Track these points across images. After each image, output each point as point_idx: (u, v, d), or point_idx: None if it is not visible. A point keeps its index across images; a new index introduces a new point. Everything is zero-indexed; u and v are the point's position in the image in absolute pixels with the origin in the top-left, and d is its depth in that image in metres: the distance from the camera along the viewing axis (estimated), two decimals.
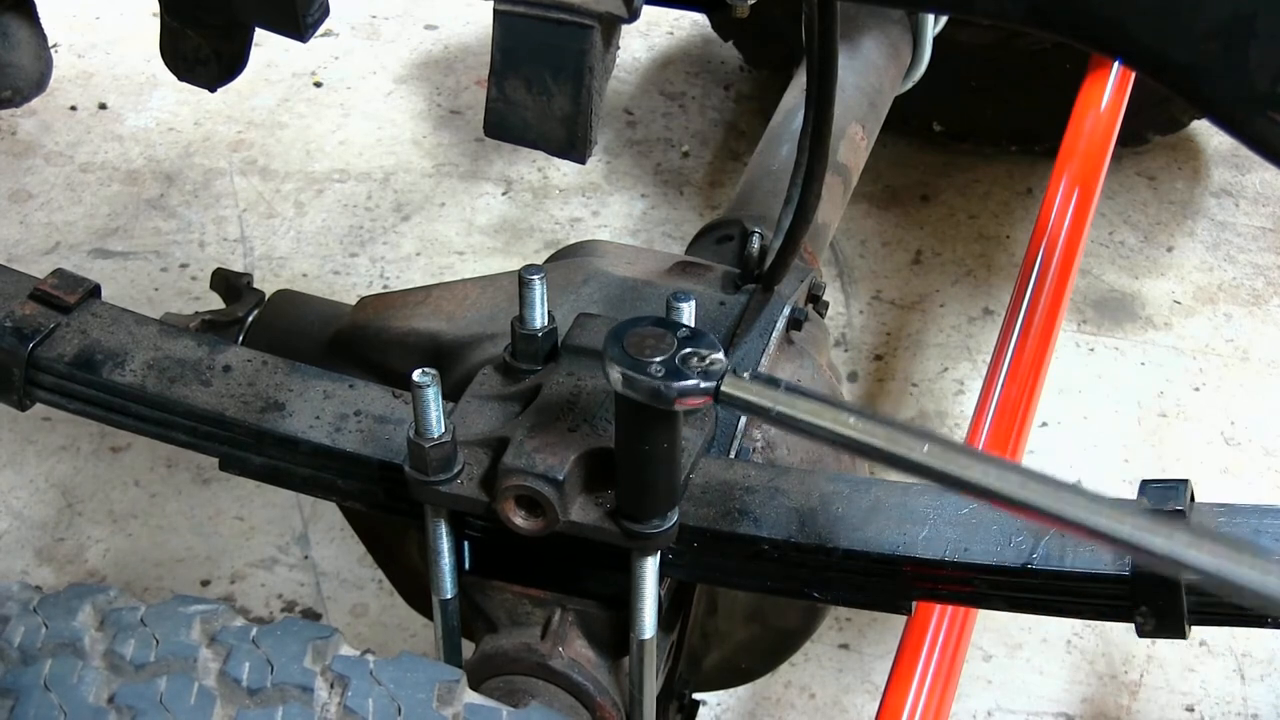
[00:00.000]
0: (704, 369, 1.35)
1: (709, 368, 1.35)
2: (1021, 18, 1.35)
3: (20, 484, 2.86)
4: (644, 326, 1.38)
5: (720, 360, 1.36)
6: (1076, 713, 2.53)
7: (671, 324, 1.39)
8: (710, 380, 1.35)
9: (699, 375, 1.35)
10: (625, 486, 1.48)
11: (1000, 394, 2.15)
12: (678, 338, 1.37)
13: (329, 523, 2.76)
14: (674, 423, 1.41)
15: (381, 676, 1.27)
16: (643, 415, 1.38)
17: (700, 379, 1.35)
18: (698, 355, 1.36)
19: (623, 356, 1.35)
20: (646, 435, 1.41)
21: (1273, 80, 1.25)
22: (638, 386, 1.35)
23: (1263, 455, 2.92)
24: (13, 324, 1.71)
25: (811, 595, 1.56)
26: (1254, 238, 3.42)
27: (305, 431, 1.64)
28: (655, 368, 1.34)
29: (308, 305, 2.05)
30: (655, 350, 1.36)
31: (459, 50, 3.97)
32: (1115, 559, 1.46)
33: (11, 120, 3.70)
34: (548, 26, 1.49)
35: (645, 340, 1.37)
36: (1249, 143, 1.31)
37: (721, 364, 1.36)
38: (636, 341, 1.36)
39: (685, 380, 1.34)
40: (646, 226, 3.44)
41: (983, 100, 3.45)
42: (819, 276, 2.03)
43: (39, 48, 1.94)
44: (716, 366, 1.35)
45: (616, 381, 1.36)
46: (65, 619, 1.31)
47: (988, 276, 3.30)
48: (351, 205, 3.49)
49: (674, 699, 1.88)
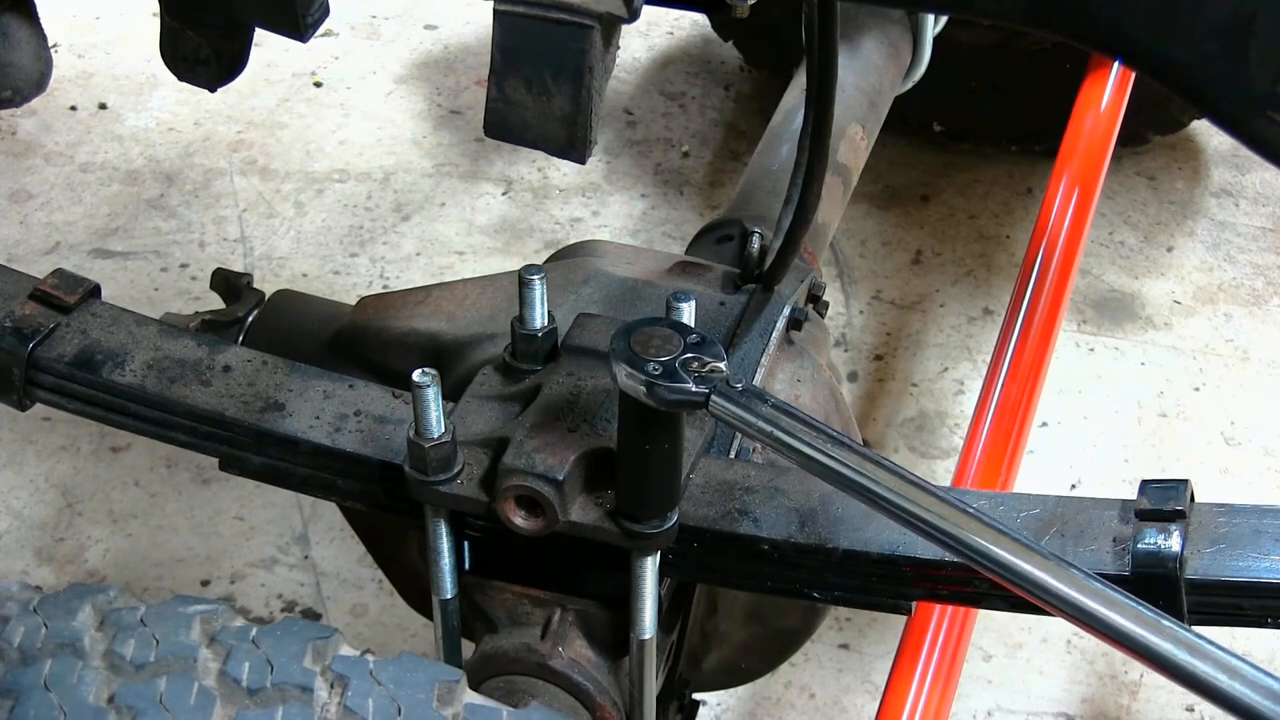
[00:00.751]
0: (702, 375, 1.35)
1: (707, 375, 1.35)
2: (1021, 18, 1.35)
3: (20, 484, 2.86)
4: (656, 327, 1.38)
5: (720, 370, 1.36)
6: (1076, 713, 2.53)
7: (684, 328, 1.39)
8: (704, 387, 1.35)
9: (695, 381, 1.35)
10: (625, 486, 1.48)
11: (1000, 394, 2.15)
12: (685, 342, 1.37)
13: (329, 523, 2.76)
14: (676, 424, 1.41)
15: (381, 676, 1.27)
16: (645, 414, 1.39)
17: (695, 384, 1.35)
18: (699, 361, 1.36)
19: (626, 352, 1.36)
20: (648, 435, 1.41)
21: (1273, 80, 1.25)
22: (632, 383, 1.35)
23: (1263, 455, 2.92)
24: (13, 324, 1.71)
25: (811, 595, 1.56)
26: (1254, 238, 3.43)
27: (305, 431, 1.64)
28: (653, 367, 1.35)
29: (308, 305, 2.05)
30: (660, 351, 1.36)
31: (459, 50, 3.97)
32: (1115, 558, 1.46)
33: (11, 120, 3.70)
34: (548, 26, 1.49)
35: (652, 340, 1.37)
36: (1249, 143, 1.31)
37: (720, 374, 1.36)
38: (643, 340, 1.37)
39: (679, 384, 1.35)
40: (646, 226, 3.44)
41: (983, 100, 3.45)
42: (819, 276, 2.03)
43: (39, 48, 1.94)
44: (715, 375, 1.35)
45: (616, 376, 1.36)
46: (65, 619, 1.31)
47: (988, 276, 3.30)
48: (351, 205, 3.49)
49: (674, 699, 1.88)
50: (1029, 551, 1.27)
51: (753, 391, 1.35)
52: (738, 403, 1.34)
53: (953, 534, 1.29)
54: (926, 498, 1.30)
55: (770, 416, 1.34)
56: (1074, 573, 1.25)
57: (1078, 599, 1.24)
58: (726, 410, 1.35)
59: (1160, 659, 1.20)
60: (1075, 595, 1.24)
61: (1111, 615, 1.22)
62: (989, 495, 1.57)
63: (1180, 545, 1.43)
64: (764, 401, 1.35)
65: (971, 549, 1.28)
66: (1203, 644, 1.19)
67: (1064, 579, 1.25)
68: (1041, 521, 1.50)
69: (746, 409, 1.34)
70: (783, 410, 1.35)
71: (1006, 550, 1.27)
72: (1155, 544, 1.44)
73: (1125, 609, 1.22)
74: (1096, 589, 1.24)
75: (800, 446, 1.34)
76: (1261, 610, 1.45)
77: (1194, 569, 1.44)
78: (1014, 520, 1.51)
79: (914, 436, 2.95)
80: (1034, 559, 1.26)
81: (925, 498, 1.30)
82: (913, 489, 1.31)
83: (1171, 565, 1.43)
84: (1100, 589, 1.23)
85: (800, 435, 1.34)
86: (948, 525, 1.29)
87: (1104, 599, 1.23)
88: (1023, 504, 1.53)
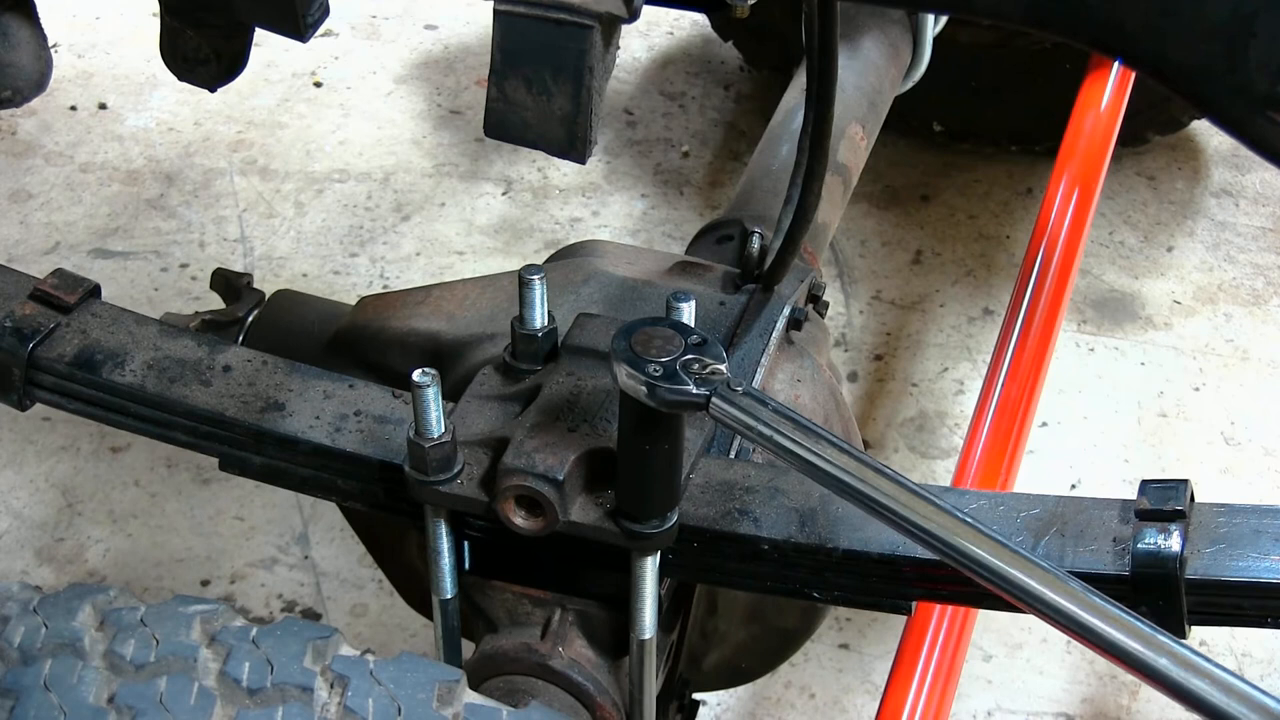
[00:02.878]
0: (702, 377, 1.35)
1: (707, 376, 1.35)
2: (1021, 18, 1.35)
3: (20, 484, 2.86)
4: (657, 327, 1.38)
5: (721, 372, 1.35)
6: (1076, 713, 2.53)
7: (685, 329, 1.39)
8: (704, 389, 1.34)
9: (696, 383, 1.34)
10: (625, 486, 1.48)
11: (1000, 394, 2.15)
12: (686, 343, 1.37)
13: (329, 523, 2.76)
14: (676, 425, 1.41)
15: (381, 676, 1.27)
16: (645, 415, 1.38)
17: (695, 386, 1.34)
18: (700, 363, 1.35)
19: (626, 353, 1.35)
20: (648, 435, 1.41)
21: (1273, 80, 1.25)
22: (633, 384, 1.35)
23: (1263, 455, 2.93)
24: (13, 324, 1.71)
25: (811, 595, 1.56)
26: (1254, 238, 3.43)
27: (305, 431, 1.64)
28: (654, 368, 1.34)
29: (308, 305, 2.05)
30: (660, 352, 1.36)
31: (459, 50, 3.97)
32: (1115, 558, 1.46)
33: (11, 120, 3.70)
34: (548, 26, 1.49)
35: (653, 341, 1.36)
36: (1249, 143, 1.31)
37: (721, 376, 1.35)
38: (644, 340, 1.36)
39: (680, 385, 1.34)
40: (646, 226, 3.44)
41: (983, 100, 3.45)
42: (819, 276, 2.03)
43: (39, 48, 1.94)
44: (715, 377, 1.35)
45: (617, 376, 1.36)
46: (65, 619, 1.31)
47: (988, 276, 3.30)
48: (351, 205, 3.49)
49: (674, 699, 1.88)
50: (1025, 562, 1.27)
51: (753, 394, 1.35)
52: (738, 405, 1.34)
53: (949, 542, 1.29)
54: (923, 505, 1.31)
55: (770, 420, 1.34)
56: (1071, 584, 1.26)
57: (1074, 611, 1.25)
58: (726, 413, 1.34)
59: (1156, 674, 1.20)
60: (1071, 607, 1.25)
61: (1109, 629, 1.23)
62: (989, 495, 1.56)
63: (1180, 545, 1.43)
64: (764, 405, 1.35)
65: (968, 557, 1.28)
66: (1198, 660, 1.19)
67: (1060, 591, 1.26)
68: (1041, 521, 1.50)
69: (746, 412, 1.34)
70: (783, 414, 1.35)
71: (1002, 560, 1.28)
72: (1155, 544, 1.44)
73: (1123, 623, 1.22)
74: (1094, 602, 1.24)
75: (799, 451, 1.33)
76: (1261, 610, 1.45)
77: (1194, 569, 1.44)
78: (1014, 520, 1.51)
79: (914, 436, 2.95)
80: (1030, 570, 1.27)
81: (922, 505, 1.31)
82: (910, 496, 1.31)
83: (1171, 565, 1.43)
84: (1097, 603, 1.24)
85: (799, 440, 1.34)
86: (944, 533, 1.30)
87: (1101, 613, 1.23)
88: (1022, 504, 1.52)
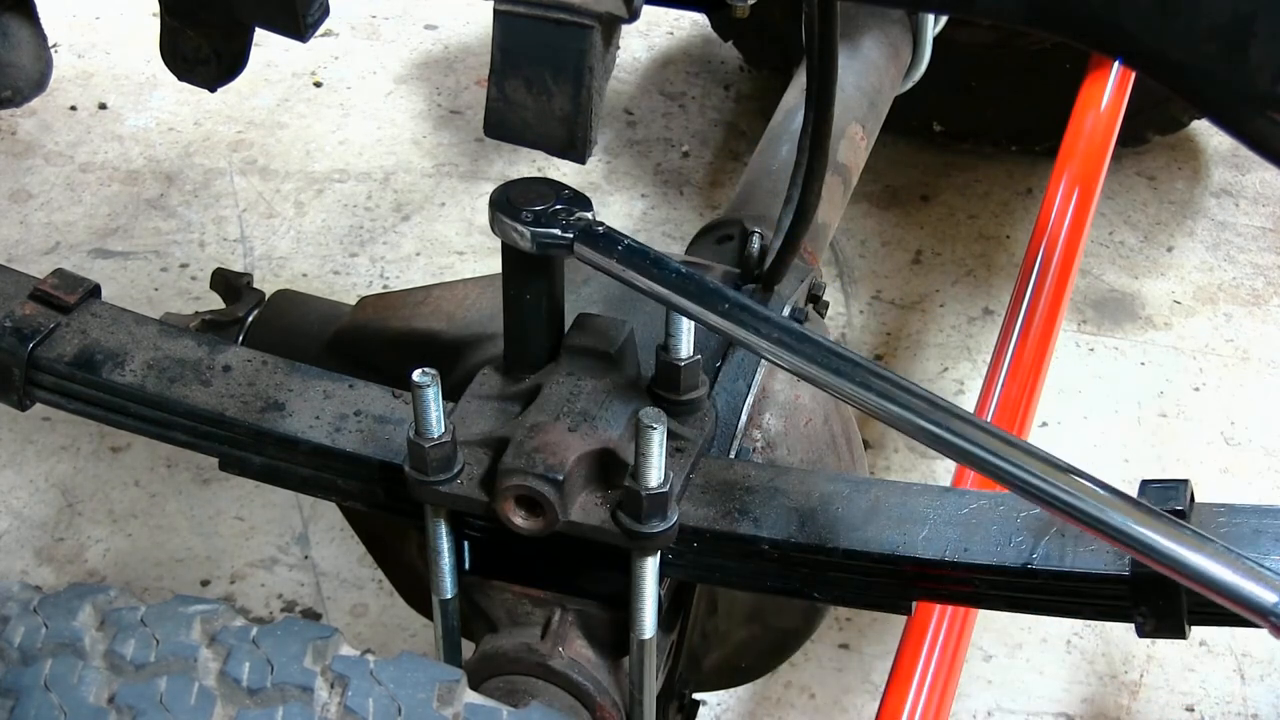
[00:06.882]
0: (569, 224, 1.50)
1: (574, 223, 1.50)
2: (1021, 18, 1.35)
3: (20, 484, 2.86)
4: (533, 183, 1.54)
5: (586, 219, 1.50)
6: (1076, 713, 2.53)
7: (559, 186, 1.53)
8: (569, 233, 1.49)
9: (562, 228, 1.49)
10: (509, 335, 1.61)
11: (1000, 394, 2.15)
12: (559, 196, 1.52)
13: (329, 523, 2.76)
14: (551, 268, 1.56)
15: (381, 676, 1.27)
16: (521, 259, 1.53)
17: (562, 230, 1.49)
18: (569, 212, 1.51)
19: (505, 203, 1.51)
20: (525, 278, 1.56)
21: (1273, 80, 1.25)
22: (505, 229, 1.50)
23: (1263, 455, 2.92)
24: (13, 324, 1.71)
25: (811, 595, 1.56)
26: (1254, 238, 3.43)
27: (305, 431, 1.64)
28: (526, 215, 1.50)
29: (308, 305, 2.05)
30: (536, 202, 1.51)
31: (459, 50, 3.97)
32: (1115, 558, 1.46)
33: (11, 120, 3.70)
34: (548, 26, 1.49)
35: (529, 193, 1.52)
36: (1249, 143, 1.31)
37: (586, 221, 1.50)
38: (521, 193, 1.52)
39: (548, 229, 1.49)
40: (646, 226, 3.44)
41: (983, 100, 3.45)
42: (819, 276, 2.03)
43: (39, 48, 1.94)
44: (581, 223, 1.50)
45: (495, 224, 1.50)
46: (65, 619, 1.31)
47: (988, 276, 3.30)
48: (351, 205, 3.49)
49: (674, 699, 1.88)
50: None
51: (613, 236, 1.49)
52: (598, 247, 1.49)
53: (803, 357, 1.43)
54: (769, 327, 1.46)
55: (625, 258, 1.48)
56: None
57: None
58: (588, 255, 1.49)
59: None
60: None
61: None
62: (989, 495, 1.56)
63: None
64: (618, 244, 1.49)
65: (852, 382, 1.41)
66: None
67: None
68: (1041, 521, 1.50)
69: (604, 253, 1.49)
70: (638, 252, 1.48)
71: (913, 411, 1.40)
72: None
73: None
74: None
75: (655, 287, 1.47)
76: None
77: None
78: (1014, 520, 1.51)
79: None
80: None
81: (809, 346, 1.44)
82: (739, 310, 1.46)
83: None
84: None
85: (653, 275, 1.48)
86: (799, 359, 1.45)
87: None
88: (1022, 504, 1.52)
